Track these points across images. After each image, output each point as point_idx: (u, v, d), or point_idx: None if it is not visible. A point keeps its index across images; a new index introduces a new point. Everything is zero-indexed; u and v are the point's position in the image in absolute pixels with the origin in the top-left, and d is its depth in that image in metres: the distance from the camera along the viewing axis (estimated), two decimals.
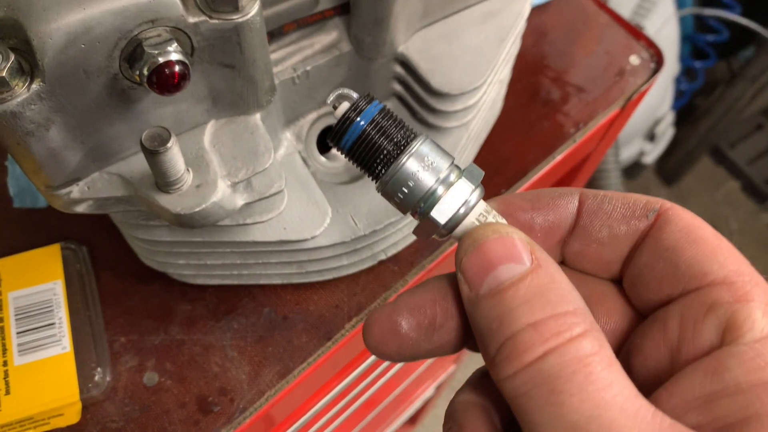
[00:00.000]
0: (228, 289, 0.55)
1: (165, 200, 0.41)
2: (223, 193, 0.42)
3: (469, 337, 0.28)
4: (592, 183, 1.64)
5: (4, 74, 0.32)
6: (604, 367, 0.22)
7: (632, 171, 1.96)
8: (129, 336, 0.52)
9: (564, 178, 0.82)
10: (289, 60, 0.47)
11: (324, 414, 0.74)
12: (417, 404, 1.23)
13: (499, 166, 0.62)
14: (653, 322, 0.26)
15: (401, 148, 0.28)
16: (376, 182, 0.29)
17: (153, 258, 0.51)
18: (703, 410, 0.22)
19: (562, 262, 0.29)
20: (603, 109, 0.66)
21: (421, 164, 0.28)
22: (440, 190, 0.28)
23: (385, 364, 0.78)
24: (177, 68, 0.35)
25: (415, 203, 0.28)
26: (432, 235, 0.29)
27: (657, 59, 0.70)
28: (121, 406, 0.50)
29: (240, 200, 0.43)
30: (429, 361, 1.02)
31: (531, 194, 0.29)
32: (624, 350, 0.28)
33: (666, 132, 1.88)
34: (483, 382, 0.28)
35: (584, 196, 0.28)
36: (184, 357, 0.52)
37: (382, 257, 0.55)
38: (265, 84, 0.42)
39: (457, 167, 0.28)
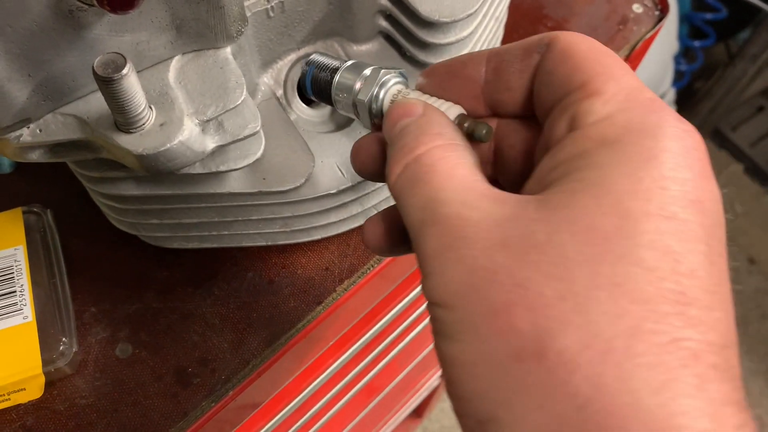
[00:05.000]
0: (207, 253, 0.50)
1: (126, 140, 0.37)
2: (190, 133, 0.38)
3: None
4: None
5: None
6: (451, 166, 0.28)
7: None
8: (100, 305, 0.48)
9: None
10: None
11: (318, 398, 0.69)
12: (422, 394, 1.19)
13: None
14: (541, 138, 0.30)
15: (336, 72, 0.38)
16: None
17: (123, 218, 0.47)
18: (536, 180, 0.27)
19: (494, 115, 0.33)
20: None
21: (351, 75, 0.37)
22: (359, 83, 0.36)
23: (386, 341, 0.73)
24: None
25: (353, 102, 0.36)
26: (371, 120, 0.36)
27: (661, 6, 0.66)
28: (91, 380, 0.45)
29: (210, 142, 0.39)
30: (431, 347, 0.97)
31: (450, 61, 0.33)
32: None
33: None
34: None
35: (489, 58, 0.31)
36: (160, 326, 0.48)
37: (373, 213, 0.50)
38: (233, 9, 0.38)
39: (381, 69, 0.36)
